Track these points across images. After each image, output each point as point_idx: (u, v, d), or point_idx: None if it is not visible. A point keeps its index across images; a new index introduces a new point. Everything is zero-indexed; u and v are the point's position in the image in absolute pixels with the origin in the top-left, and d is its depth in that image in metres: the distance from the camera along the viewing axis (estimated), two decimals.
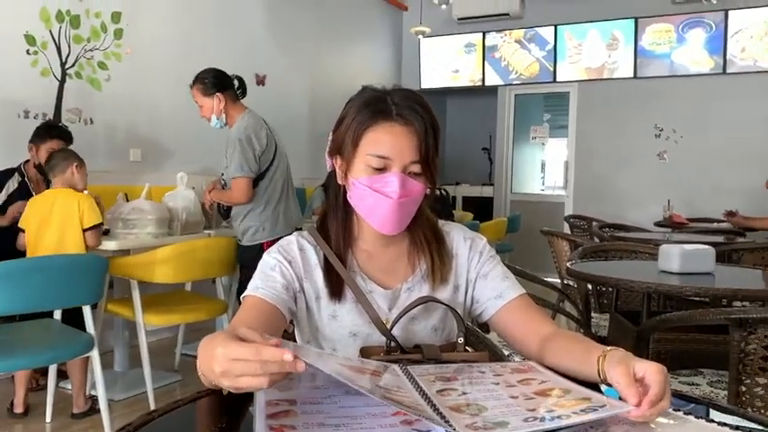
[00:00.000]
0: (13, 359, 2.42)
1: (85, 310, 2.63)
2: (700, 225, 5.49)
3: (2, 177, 3.29)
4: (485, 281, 1.20)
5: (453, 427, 0.72)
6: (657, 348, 2.20)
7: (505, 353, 1.45)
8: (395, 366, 0.93)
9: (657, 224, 5.51)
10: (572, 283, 3.49)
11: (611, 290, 3.04)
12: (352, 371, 0.82)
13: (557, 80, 7.08)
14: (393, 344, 1.06)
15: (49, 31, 3.75)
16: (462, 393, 0.85)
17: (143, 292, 3.06)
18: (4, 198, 3.24)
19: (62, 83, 3.83)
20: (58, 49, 3.80)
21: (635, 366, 0.82)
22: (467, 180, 8.07)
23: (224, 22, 4.97)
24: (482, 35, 7.38)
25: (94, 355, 2.62)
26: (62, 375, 3.09)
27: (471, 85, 7.57)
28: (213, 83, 3.19)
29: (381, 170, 1.08)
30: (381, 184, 1.08)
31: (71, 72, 3.87)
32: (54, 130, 3.35)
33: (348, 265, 1.16)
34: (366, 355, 1.04)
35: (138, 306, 3.00)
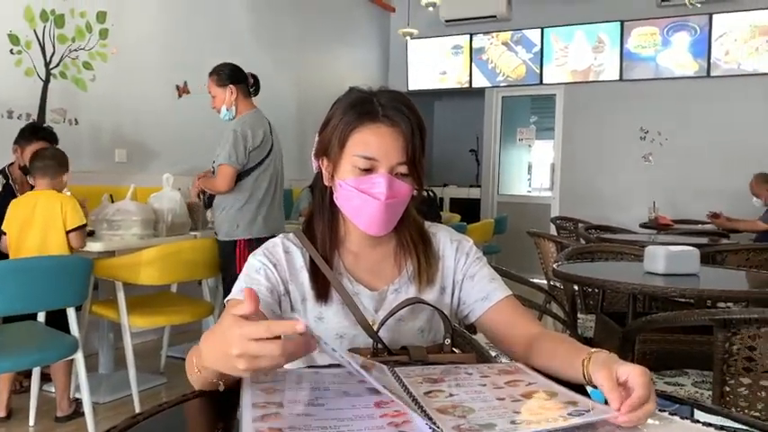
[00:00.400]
0: None
1: (70, 312, 2.60)
2: (684, 227, 5.54)
3: None
4: (471, 282, 1.20)
5: (440, 429, 0.72)
6: (643, 349, 2.21)
7: (492, 354, 1.46)
8: (383, 366, 0.93)
9: (643, 226, 5.55)
10: (558, 285, 3.51)
11: (597, 291, 3.06)
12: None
13: (543, 82, 7.12)
14: (380, 345, 1.06)
15: (34, 31, 3.71)
16: (449, 395, 0.85)
17: (128, 294, 3.04)
18: None
19: (46, 83, 3.79)
20: (43, 49, 3.77)
21: (618, 370, 0.82)
22: (454, 181, 8.09)
23: (210, 23, 4.95)
24: (469, 37, 7.40)
25: (79, 357, 2.60)
26: (46, 378, 3.06)
27: (458, 86, 7.59)
28: (228, 75, 3.27)
29: (368, 171, 1.08)
30: (368, 185, 1.08)
31: (55, 72, 3.84)
32: (39, 132, 3.31)
33: (334, 266, 1.16)
34: None
35: (123, 308, 2.97)
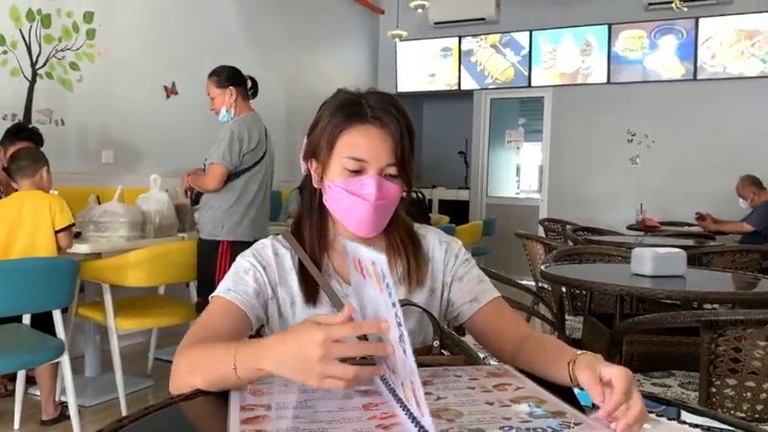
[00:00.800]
0: None
1: (55, 314, 2.58)
2: (671, 228, 5.58)
3: None
4: (460, 284, 1.20)
5: None
6: (630, 350, 2.23)
7: (481, 356, 1.46)
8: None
9: (630, 227, 5.59)
10: (546, 286, 3.52)
11: (584, 293, 3.08)
12: None
13: (531, 85, 7.15)
14: None
15: (20, 31, 3.68)
16: (438, 398, 0.85)
17: (115, 296, 3.01)
18: None
19: (32, 83, 3.76)
20: (29, 49, 3.73)
21: (601, 371, 0.83)
22: (443, 183, 8.11)
23: (198, 25, 4.93)
24: (458, 39, 7.42)
25: (64, 360, 2.57)
26: (31, 381, 3.03)
27: (447, 89, 7.60)
28: (228, 76, 3.29)
29: (357, 173, 1.08)
30: (357, 187, 1.08)
31: (42, 72, 3.80)
32: (24, 132, 3.28)
33: (323, 268, 1.15)
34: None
35: (110, 310, 2.95)
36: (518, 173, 8.06)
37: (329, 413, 0.78)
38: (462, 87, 7.50)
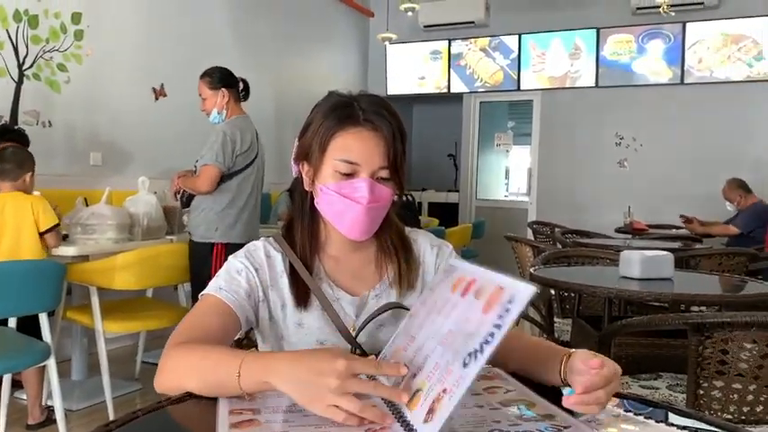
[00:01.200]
0: None
1: (42, 317, 2.56)
2: (659, 231, 5.62)
3: None
4: None
5: None
6: (618, 353, 2.24)
7: None
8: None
9: (618, 230, 5.62)
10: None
11: (573, 295, 3.09)
12: None
13: (520, 88, 7.18)
14: (358, 351, 1.05)
15: (6, 31, 3.65)
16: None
17: (102, 299, 2.99)
18: None
19: (19, 84, 3.73)
20: (15, 50, 3.70)
21: (592, 359, 0.86)
22: (433, 186, 8.12)
23: (186, 26, 4.91)
24: (448, 42, 7.44)
25: (51, 363, 2.55)
26: (17, 385, 3.00)
27: (437, 91, 7.62)
28: (220, 78, 3.27)
29: (349, 176, 1.08)
30: (350, 190, 1.07)
31: (29, 73, 3.77)
32: (7, 133, 3.25)
33: (315, 271, 1.15)
34: None
35: (98, 313, 2.93)
36: (507, 176, 8.09)
37: (318, 417, 0.78)
38: (452, 90, 7.53)
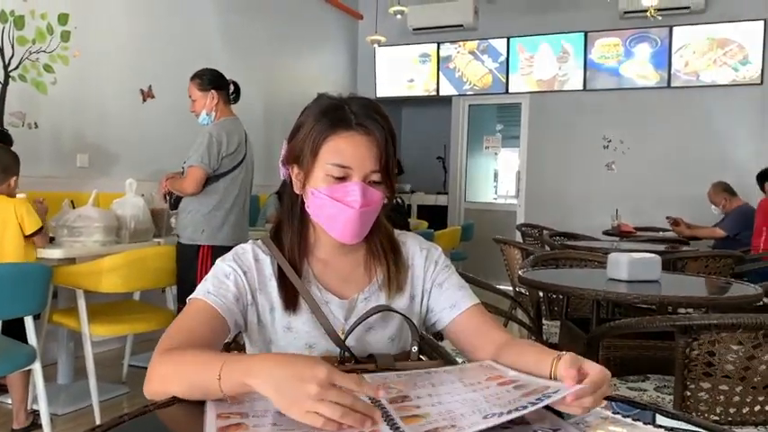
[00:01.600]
0: None
1: (27, 320, 2.53)
2: (646, 234, 5.66)
3: None
4: (440, 290, 1.20)
5: None
6: (606, 355, 2.25)
7: (459, 361, 1.46)
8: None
9: (606, 233, 5.65)
10: (524, 291, 3.54)
11: (561, 297, 3.10)
12: None
13: (509, 91, 7.21)
14: (346, 354, 1.05)
15: None
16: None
17: (89, 302, 2.97)
18: None
19: (5, 85, 3.69)
20: (1, 51, 3.67)
21: (583, 364, 0.86)
22: (421, 188, 8.12)
23: (175, 28, 4.89)
24: (437, 46, 7.46)
25: (36, 367, 2.52)
26: (2, 389, 2.97)
27: (426, 94, 7.64)
28: (210, 79, 3.27)
29: (341, 179, 1.07)
30: (342, 194, 1.07)
31: (14, 74, 3.74)
32: None
33: (303, 274, 1.14)
34: None
35: (84, 316, 2.90)
36: (496, 178, 8.11)
37: None
38: (441, 93, 7.54)
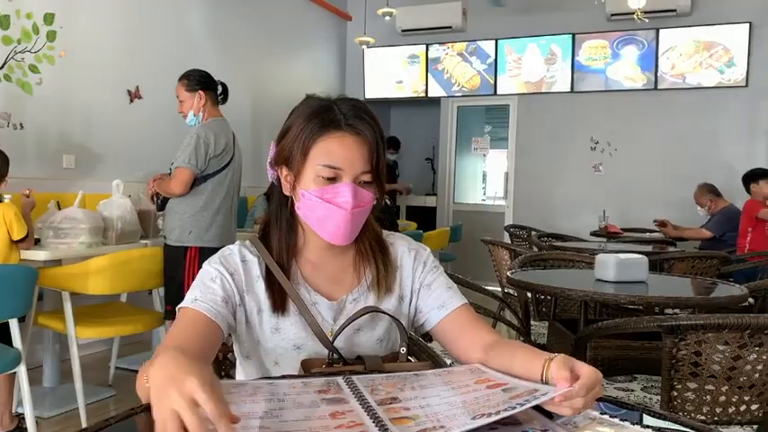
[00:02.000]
0: None
1: (12, 323, 2.51)
2: (633, 235, 5.69)
3: None
4: (428, 291, 1.20)
5: None
6: (594, 355, 2.26)
7: (448, 362, 1.46)
8: (338, 379, 0.92)
9: (593, 234, 5.68)
10: (512, 292, 3.55)
11: (549, 298, 3.11)
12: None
13: (497, 93, 7.23)
14: (335, 356, 1.05)
15: None
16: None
17: (75, 304, 2.94)
18: None
19: None
20: None
21: (575, 365, 0.86)
22: (410, 189, 8.12)
23: (163, 28, 4.86)
24: (425, 47, 7.46)
25: (21, 370, 2.50)
26: None
27: (415, 96, 7.64)
28: (198, 80, 3.26)
29: (332, 180, 1.07)
30: (332, 195, 1.07)
31: None
32: None
33: (292, 275, 1.14)
34: (307, 368, 1.03)
35: (70, 318, 2.88)
36: (484, 179, 8.13)
37: (296, 422, 0.77)
38: (429, 94, 7.55)
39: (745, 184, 4.84)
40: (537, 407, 0.85)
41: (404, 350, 1.09)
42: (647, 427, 0.83)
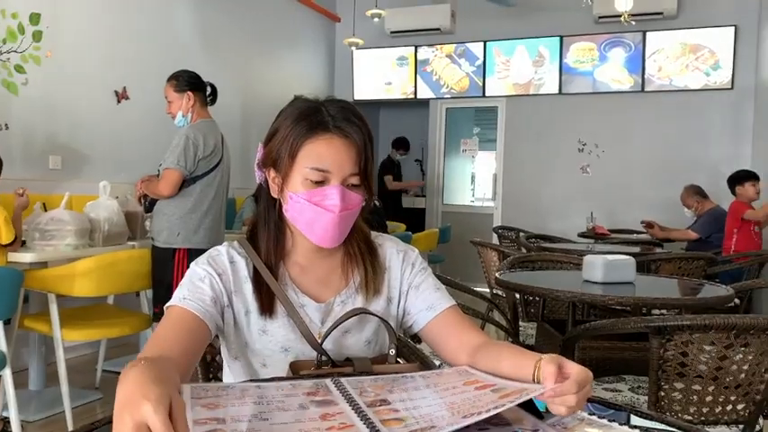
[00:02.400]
0: None
1: None
2: (621, 236, 5.72)
3: None
4: (416, 292, 1.20)
5: None
6: (582, 356, 2.27)
7: (437, 363, 1.46)
8: (327, 381, 0.92)
9: (581, 235, 5.71)
10: (501, 293, 3.56)
11: (538, 299, 3.13)
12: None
13: (486, 95, 7.25)
14: (323, 358, 1.04)
15: None
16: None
17: (61, 306, 2.92)
18: None
19: None
20: None
21: (566, 364, 0.85)
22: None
23: (151, 28, 4.84)
24: (414, 49, 7.48)
25: (6, 374, 2.48)
26: None
27: (404, 97, 7.65)
28: (187, 81, 3.25)
29: (320, 183, 1.07)
30: (321, 198, 1.06)
31: None
32: None
33: (280, 277, 1.13)
34: (296, 370, 1.02)
35: (56, 321, 2.85)
36: (473, 181, 8.16)
37: (285, 425, 0.77)
38: (418, 96, 7.56)
39: (731, 185, 4.88)
40: (527, 408, 0.85)
41: (393, 352, 1.09)
42: (634, 427, 0.84)
